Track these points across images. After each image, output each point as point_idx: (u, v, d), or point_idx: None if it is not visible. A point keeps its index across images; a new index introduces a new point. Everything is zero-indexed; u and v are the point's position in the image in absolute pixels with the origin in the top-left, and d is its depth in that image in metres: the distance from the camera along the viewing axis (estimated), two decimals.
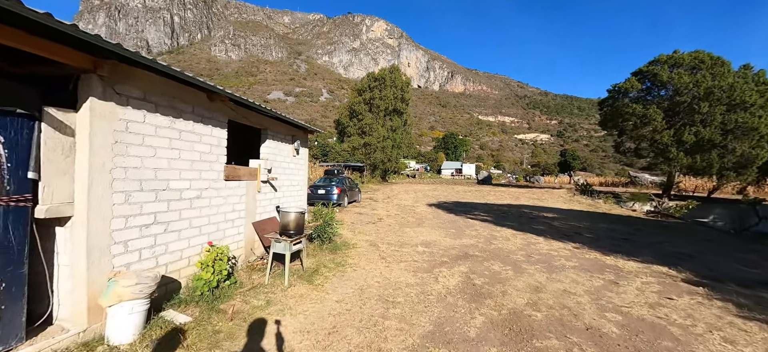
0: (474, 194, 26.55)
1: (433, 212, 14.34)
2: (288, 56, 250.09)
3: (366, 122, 34.08)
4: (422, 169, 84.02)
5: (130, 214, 3.61)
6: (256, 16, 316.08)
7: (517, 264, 6.73)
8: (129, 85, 3.53)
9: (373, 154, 33.84)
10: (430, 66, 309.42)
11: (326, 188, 14.38)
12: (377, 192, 24.56)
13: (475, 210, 15.46)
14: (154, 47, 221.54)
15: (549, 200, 22.88)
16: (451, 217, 12.80)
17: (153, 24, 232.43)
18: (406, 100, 37.59)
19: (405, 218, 12.17)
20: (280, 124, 6.84)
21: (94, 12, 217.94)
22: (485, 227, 10.79)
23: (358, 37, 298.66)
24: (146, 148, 3.78)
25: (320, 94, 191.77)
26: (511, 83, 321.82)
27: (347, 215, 12.48)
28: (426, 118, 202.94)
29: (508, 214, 14.49)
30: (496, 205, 18.53)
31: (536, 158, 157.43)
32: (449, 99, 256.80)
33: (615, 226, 12.71)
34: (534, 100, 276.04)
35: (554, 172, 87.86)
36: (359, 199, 17.58)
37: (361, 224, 10.60)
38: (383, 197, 20.31)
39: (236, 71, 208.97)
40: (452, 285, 5.36)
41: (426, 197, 22.22)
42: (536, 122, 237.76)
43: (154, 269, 3.86)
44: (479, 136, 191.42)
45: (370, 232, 9.23)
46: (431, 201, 19.36)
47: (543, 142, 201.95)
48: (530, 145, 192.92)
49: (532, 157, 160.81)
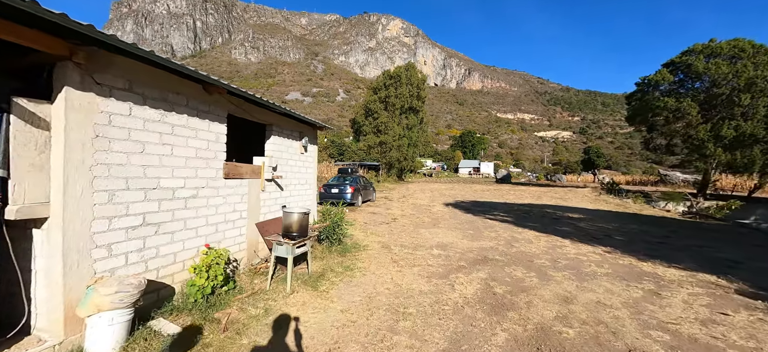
0: (492, 193, 25.65)
1: (449, 211, 13.76)
2: (305, 57, 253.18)
3: (381, 121, 33.66)
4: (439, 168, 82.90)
5: (115, 215, 3.31)
6: (274, 19, 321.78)
7: (542, 270, 6.13)
8: (111, 74, 3.23)
9: (389, 153, 33.39)
10: (447, 63, 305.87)
11: (339, 187, 14.02)
12: (393, 191, 24.11)
13: (494, 210, 14.76)
14: (179, 52, 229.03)
15: (573, 199, 21.76)
16: (468, 217, 12.19)
17: (177, 30, 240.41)
18: (422, 98, 36.93)
19: (420, 218, 11.68)
20: (287, 120, 6.51)
21: (122, 19, 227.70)
22: (506, 228, 10.15)
23: (374, 36, 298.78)
24: (133, 144, 3.48)
25: (337, 94, 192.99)
26: (530, 79, 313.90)
27: (361, 214, 12.12)
28: (442, 116, 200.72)
29: (529, 214, 13.72)
30: (516, 204, 17.72)
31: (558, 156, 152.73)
32: (466, 97, 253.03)
33: (648, 228, 11.76)
34: (555, 97, 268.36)
35: (577, 171, 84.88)
36: (374, 198, 17.15)
37: (374, 224, 10.20)
38: (399, 196, 19.84)
39: (255, 73, 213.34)
40: (470, 294, 4.85)
41: (442, 196, 21.59)
42: (557, 119, 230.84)
43: (142, 274, 3.56)
44: (497, 134, 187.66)
45: (382, 233, 8.80)
46: (448, 200, 18.74)
47: (565, 139, 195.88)
48: (551, 143, 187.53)
49: (553, 155, 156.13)
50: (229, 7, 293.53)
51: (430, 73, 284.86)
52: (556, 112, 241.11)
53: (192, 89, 4.18)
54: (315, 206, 7.74)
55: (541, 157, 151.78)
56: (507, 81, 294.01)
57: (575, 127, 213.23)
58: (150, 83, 3.63)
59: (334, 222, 6.99)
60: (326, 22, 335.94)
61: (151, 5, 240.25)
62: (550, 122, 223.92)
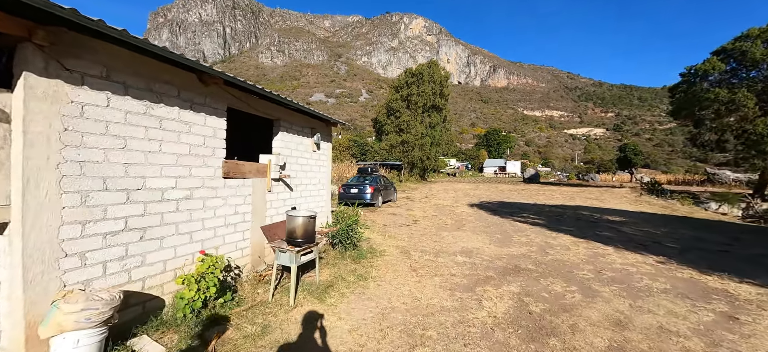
0: (520, 193, 24.32)
1: (474, 213, 12.89)
2: (328, 59, 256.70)
3: (404, 119, 33.01)
4: (463, 167, 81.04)
5: (90, 219, 2.92)
6: (298, 23, 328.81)
7: (585, 284, 5.29)
8: (84, 59, 2.84)
9: (411, 152, 32.66)
10: (471, 61, 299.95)
11: (359, 187, 13.48)
12: (415, 191, 23.40)
13: (523, 211, 13.72)
14: (209, 57, 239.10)
15: (610, 200, 20.13)
16: (495, 219, 11.28)
17: (208, 36, 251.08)
18: (445, 96, 35.92)
19: (443, 220, 10.93)
20: (296, 115, 6.04)
21: (159, 28, 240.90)
22: (537, 232, 9.23)
23: (396, 36, 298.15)
24: (112, 139, 3.08)
25: (360, 95, 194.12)
26: (559, 75, 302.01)
27: (380, 215, 11.54)
28: (467, 114, 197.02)
29: (563, 216, 12.61)
30: (547, 206, 16.52)
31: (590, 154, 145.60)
32: (491, 94, 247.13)
33: (703, 233, 10.39)
34: (586, 92, 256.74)
35: (612, 170, 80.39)
36: (395, 198, 16.52)
37: (393, 226, 9.59)
38: (421, 197, 19.11)
39: (281, 76, 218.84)
40: (501, 312, 4.15)
41: (467, 196, 20.63)
42: (589, 116, 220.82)
43: (123, 285, 3.17)
44: (524, 132, 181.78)
45: (402, 236, 8.18)
46: (473, 201, 17.78)
47: (597, 136, 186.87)
48: (582, 141, 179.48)
49: (584, 154, 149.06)
50: (256, 12, 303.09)
51: (453, 71, 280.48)
52: (587, 109, 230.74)
53: (184, 79, 3.76)
54: (329, 208, 7.25)
55: (571, 155, 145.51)
56: (534, 77, 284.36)
57: (609, 123, 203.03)
58: (132, 71, 3.22)
59: (348, 225, 6.46)
60: (349, 23, 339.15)
61: (184, 14, 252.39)
62: (581, 119, 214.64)
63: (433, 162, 36.33)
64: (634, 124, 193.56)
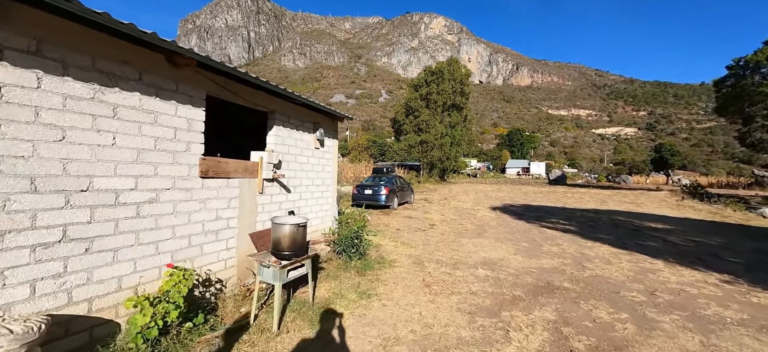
0: (546, 195, 22.86)
1: (497, 217, 11.85)
2: (349, 60, 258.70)
3: (423, 119, 32.10)
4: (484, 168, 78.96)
5: (10, 228, 2.33)
6: (319, 25, 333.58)
7: (637, 310, 4.31)
8: (3, 30, 2.26)
9: (430, 152, 31.69)
10: (493, 60, 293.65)
11: (373, 188, 12.80)
12: (433, 193, 22.47)
13: (551, 216, 12.53)
14: (235, 61, 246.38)
15: (648, 204, 18.42)
16: (521, 225, 10.25)
17: (233, 41, 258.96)
18: (465, 94, 34.71)
19: (462, 224, 10.03)
20: (294, 108, 5.39)
21: (188, 34, 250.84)
22: (570, 240, 8.16)
23: (416, 35, 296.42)
24: (45, 129, 2.50)
25: (379, 95, 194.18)
26: (587, 72, 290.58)
27: (395, 219, 10.79)
28: (488, 114, 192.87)
29: (597, 222, 11.34)
30: (578, 210, 15.17)
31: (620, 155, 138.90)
32: (514, 93, 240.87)
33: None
34: (616, 90, 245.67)
35: (645, 171, 76.06)
36: (412, 200, 15.72)
37: (408, 231, 8.82)
38: (439, 199, 18.18)
39: (303, 78, 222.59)
40: (534, 350, 3.29)
41: (488, 198, 19.49)
42: (619, 115, 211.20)
43: (62, 309, 2.57)
44: (549, 132, 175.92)
45: (416, 243, 7.37)
46: (495, 204, 16.66)
47: (628, 136, 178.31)
48: (612, 141, 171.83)
49: (614, 154, 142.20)
50: (279, 16, 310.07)
51: (474, 70, 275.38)
52: (617, 107, 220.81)
53: (148, 59, 3.16)
54: (334, 212, 6.56)
55: (600, 156, 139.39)
56: (560, 75, 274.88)
57: (641, 122, 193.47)
58: (73, 46, 2.63)
59: (354, 232, 5.73)
60: (369, 24, 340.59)
61: (211, 20, 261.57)
62: (610, 118, 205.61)
63: (452, 162, 35.18)
64: (669, 123, 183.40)
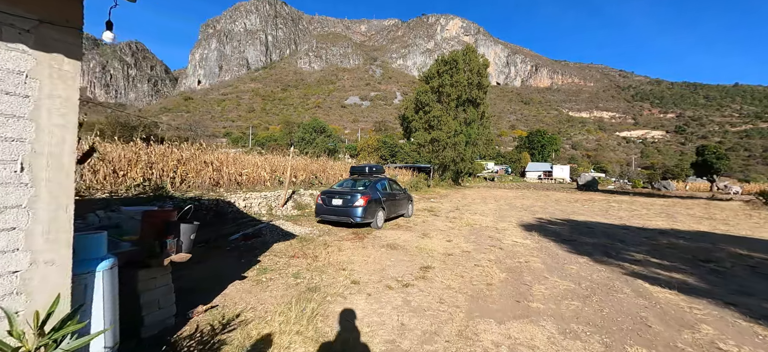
0: (584, 204, 18.74)
1: (536, 246, 7.60)
2: (364, 63, 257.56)
3: (434, 115, 28.46)
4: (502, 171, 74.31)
5: None
6: (335, 28, 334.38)
7: None
8: None
9: (442, 152, 27.98)
10: (511, 61, 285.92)
11: (345, 197, 8.77)
12: (443, 200, 18.83)
13: (624, 246, 7.98)
14: (253, 64, 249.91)
15: (731, 218, 14.15)
16: (587, 269, 5.96)
17: (251, 45, 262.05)
18: (483, 87, 30.86)
19: (481, 266, 5.88)
20: None
21: (209, 39, 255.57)
22: (719, 320, 4.18)
23: (432, 37, 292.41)
24: None
25: (394, 97, 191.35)
26: (610, 73, 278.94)
27: (370, 248, 6.78)
28: (505, 116, 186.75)
29: (720, 263, 6.70)
30: (649, 230, 10.53)
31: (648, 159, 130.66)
32: (533, 95, 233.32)
33: None
34: (642, 91, 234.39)
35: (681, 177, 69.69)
36: (409, 212, 11.52)
37: (378, 281, 4.92)
38: (449, 209, 14.45)
39: (318, 80, 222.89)
40: None
41: (513, 208, 15.63)
42: (645, 117, 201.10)
43: None
44: (570, 134, 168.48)
45: (379, 327, 3.55)
46: (524, 218, 12.55)
47: (655, 139, 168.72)
48: (638, 144, 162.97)
49: (641, 158, 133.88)
50: (296, 20, 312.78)
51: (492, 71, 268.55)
52: (643, 109, 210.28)
53: None
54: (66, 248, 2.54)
55: (626, 159, 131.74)
56: (581, 76, 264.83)
57: (669, 125, 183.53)
58: None
59: None
60: (385, 27, 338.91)
61: (231, 25, 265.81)
62: (635, 120, 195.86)
63: (468, 164, 31.34)
64: (700, 126, 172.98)
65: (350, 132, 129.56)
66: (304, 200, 12.16)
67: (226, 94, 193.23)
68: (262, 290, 4.40)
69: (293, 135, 55.46)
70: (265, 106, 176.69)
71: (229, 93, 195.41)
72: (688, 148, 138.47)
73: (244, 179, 13.59)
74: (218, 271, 5.04)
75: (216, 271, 5.04)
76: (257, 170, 14.23)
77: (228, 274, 4.89)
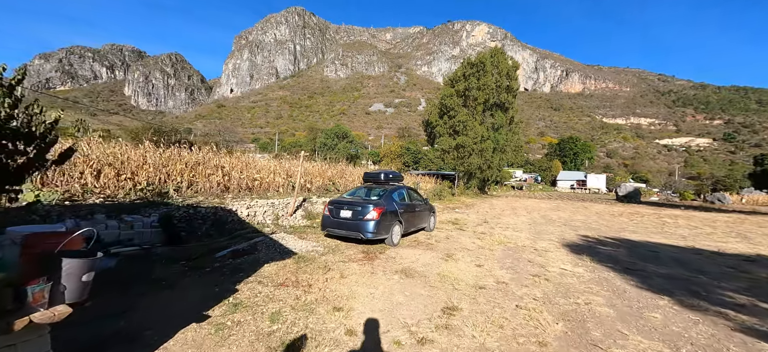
0: (631, 219, 16.57)
1: (590, 275, 6.07)
2: (389, 70, 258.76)
3: (459, 119, 27.00)
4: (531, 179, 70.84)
5: None
6: (361, 37, 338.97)
7: None
8: None
9: (468, 159, 26.39)
10: (540, 66, 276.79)
11: (355, 208, 7.61)
12: (469, 210, 17.35)
13: (701, 272, 6.59)
14: (281, 73, 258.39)
15: None
16: (668, 312, 4.51)
17: (281, 54, 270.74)
18: (512, 91, 29.06)
19: (523, 307, 4.43)
20: None
21: (241, 50, 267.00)
22: None
23: (457, 44, 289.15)
24: None
25: (418, 104, 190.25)
26: (648, 77, 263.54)
27: (379, 275, 5.49)
28: (534, 123, 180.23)
29: None
30: (729, 256, 8.49)
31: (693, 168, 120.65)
32: (563, 101, 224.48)
33: None
34: (684, 96, 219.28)
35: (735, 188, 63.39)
36: (431, 226, 10.30)
37: (386, 328, 3.72)
38: (477, 221, 13.03)
39: (343, 88, 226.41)
40: None
41: (549, 222, 13.90)
42: (688, 123, 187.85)
43: None
44: (604, 141, 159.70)
45: None
46: (567, 235, 10.75)
47: (700, 147, 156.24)
48: (681, 152, 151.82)
49: (685, 167, 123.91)
50: (323, 30, 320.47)
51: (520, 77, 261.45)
52: (685, 115, 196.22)
53: None
54: None
55: (668, 169, 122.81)
56: (616, 80, 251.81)
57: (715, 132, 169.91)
58: None
59: None
60: (410, 34, 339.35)
61: (262, 36, 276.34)
62: (677, 127, 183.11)
63: (495, 172, 29.49)
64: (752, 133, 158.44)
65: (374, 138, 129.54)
66: (317, 208, 11.20)
67: (255, 102, 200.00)
68: (219, 344, 3.20)
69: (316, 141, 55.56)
70: (292, 113, 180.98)
71: (258, 101, 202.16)
72: (740, 158, 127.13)
73: (257, 185, 12.90)
74: (175, 306, 3.94)
75: (171, 306, 3.93)
76: (271, 175, 13.57)
77: (186, 311, 3.76)
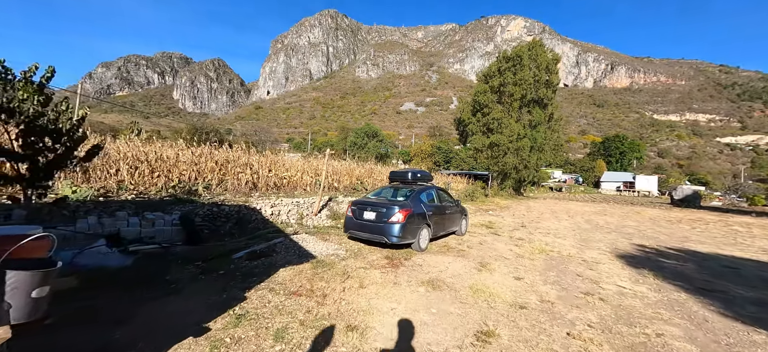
0: (694, 226, 14.64)
1: (656, 296, 4.97)
2: (420, 69, 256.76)
3: (493, 117, 25.72)
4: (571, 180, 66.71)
5: None
6: (393, 36, 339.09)
7: None
8: None
9: (502, 158, 25.05)
10: (581, 60, 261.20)
11: (379, 210, 7.04)
12: (504, 213, 16.29)
13: None
14: (315, 74, 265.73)
15: None
16: None
17: (314, 56, 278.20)
18: (552, 86, 27.26)
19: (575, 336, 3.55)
20: None
21: (278, 53, 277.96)
22: None
23: (491, 39, 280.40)
24: None
25: (450, 102, 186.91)
26: (706, 69, 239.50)
27: (400, 285, 4.86)
28: (575, 120, 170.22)
29: None
30: None
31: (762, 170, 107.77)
32: (608, 97, 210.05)
33: None
34: (750, 89, 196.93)
35: None
36: (463, 229, 9.56)
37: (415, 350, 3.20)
38: (513, 225, 12.06)
39: (375, 87, 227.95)
40: None
41: (596, 228, 12.55)
42: (756, 119, 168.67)
43: None
44: (655, 139, 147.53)
45: None
46: (618, 244, 9.34)
47: None
48: (748, 152, 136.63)
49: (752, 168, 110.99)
50: (355, 31, 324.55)
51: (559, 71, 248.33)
52: (752, 110, 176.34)
53: None
54: None
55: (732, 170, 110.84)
56: (668, 73, 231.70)
57: None
58: None
59: None
60: (442, 32, 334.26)
61: (296, 39, 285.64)
62: (742, 124, 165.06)
63: (532, 172, 27.78)
64: None
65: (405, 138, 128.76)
66: (342, 207, 10.89)
67: (290, 103, 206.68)
68: None
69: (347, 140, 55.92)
70: (324, 113, 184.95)
71: (293, 102, 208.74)
72: None
73: (285, 183, 12.87)
74: (175, 315, 3.56)
75: (172, 315, 3.57)
76: (299, 174, 13.53)
77: (186, 322, 3.39)
